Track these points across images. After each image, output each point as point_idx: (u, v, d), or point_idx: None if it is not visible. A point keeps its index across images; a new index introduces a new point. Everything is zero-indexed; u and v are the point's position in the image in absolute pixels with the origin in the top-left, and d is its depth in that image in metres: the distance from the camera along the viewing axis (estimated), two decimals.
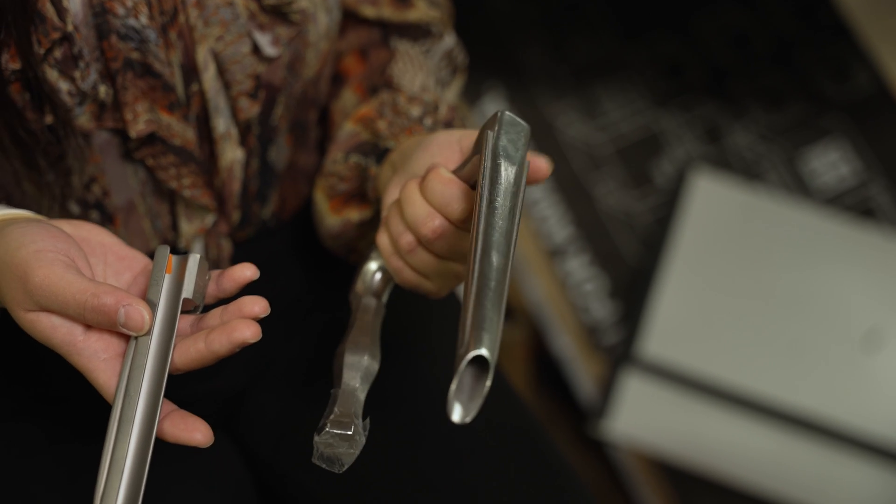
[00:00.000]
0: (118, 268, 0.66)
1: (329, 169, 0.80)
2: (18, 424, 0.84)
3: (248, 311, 0.62)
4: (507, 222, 0.58)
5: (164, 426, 0.60)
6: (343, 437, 0.61)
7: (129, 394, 0.58)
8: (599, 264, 1.59)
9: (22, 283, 0.59)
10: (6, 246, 0.60)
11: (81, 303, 0.58)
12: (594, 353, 1.56)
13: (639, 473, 1.53)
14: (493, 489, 0.80)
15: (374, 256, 0.73)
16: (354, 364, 0.65)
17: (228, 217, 0.80)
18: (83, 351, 0.60)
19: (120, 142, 0.74)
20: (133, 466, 0.57)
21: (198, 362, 0.61)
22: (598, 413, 1.52)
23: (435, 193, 0.64)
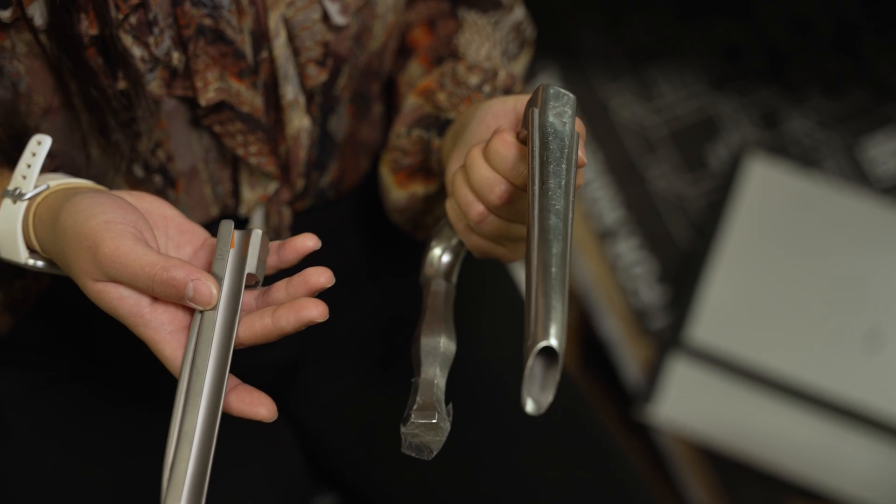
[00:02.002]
0: (179, 241, 0.66)
1: (393, 143, 0.80)
2: (74, 386, 0.85)
3: (313, 281, 0.62)
4: (561, 203, 0.57)
5: (229, 400, 0.60)
6: (428, 426, 0.62)
7: (196, 367, 0.59)
8: (649, 248, 1.58)
9: (91, 253, 0.59)
10: (75, 216, 0.61)
11: (151, 275, 0.58)
12: (641, 337, 1.55)
13: (682, 459, 1.53)
14: (544, 469, 0.80)
15: (438, 240, 0.73)
16: (431, 350, 0.65)
17: (292, 185, 0.80)
18: (150, 323, 0.60)
19: (187, 108, 0.74)
20: (201, 438, 0.58)
21: (263, 337, 0.61)
22: (643, 397, 1.51)
23: (498, 157, 0.63)
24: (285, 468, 0.86)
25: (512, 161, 0.62)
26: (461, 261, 0.73)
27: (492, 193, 0.63)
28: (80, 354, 0.86)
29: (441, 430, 0.62)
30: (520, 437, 0.81)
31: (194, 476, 0.57)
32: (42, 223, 0.64)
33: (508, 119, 0.66)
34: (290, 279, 0.63)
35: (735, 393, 1.49)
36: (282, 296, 0.63)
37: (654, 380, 1.51)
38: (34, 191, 0.66)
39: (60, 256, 0.62)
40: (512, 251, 0.67)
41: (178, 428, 0.58)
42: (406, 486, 0.83)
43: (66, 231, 0.61)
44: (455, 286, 0.72)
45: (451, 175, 0.69)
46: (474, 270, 0.86)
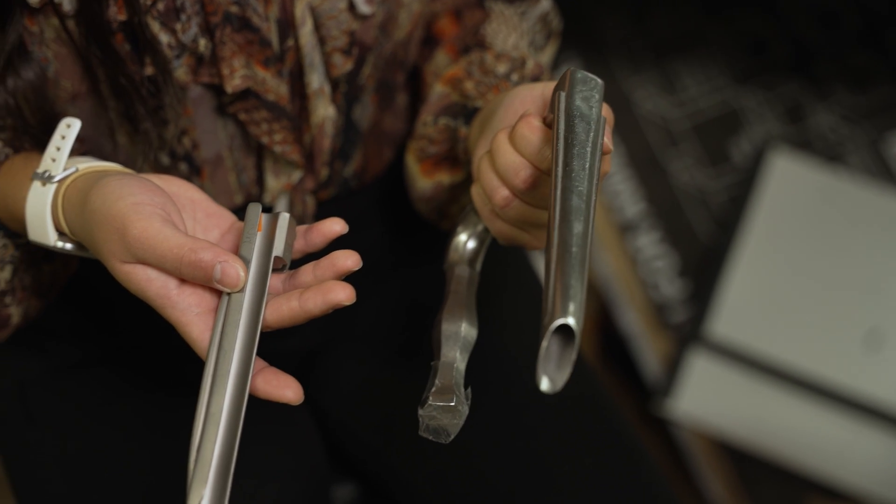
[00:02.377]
0: (206, 224, 0.66)
1: (419, 132, 0.80)
2: (101, 369, 0.85)
3: (340, 265, 0.62)
4: (586, 185, 0.56)
5: (256, 382, 0.60)
6: (446, 409, 0.62)
7: (223, 349, 0.59)
8: (671, 241, 1.57)
9: (120, 234, 0.59)
10: (104, 198, 0.61)
11: (178, 257, 0.58)
12: (661, 331, 1.54)
13: (701, 453, 1.52)
14: (563, 460, 0.80)
15: (464, 226, 0.73)
16: (452, 334, 0.65)
17: (316, 174, 0.80)
18: (177, 304, 0.60)
19: (213, 96, 0.74)
20: (228, 419, 0.58)
21: (290, 320, 0.61)
22: (662, 391, 1.51)
23: (524, 142, 0.62)
24: (306, 455, 0.86)
25: (538, 145, 0.62)
26: (486, 248, 0.73)
27: (517, 178, 0.63)
28: (107, 339, 0.86)
29: (459, 413, 0.62)
30: (539, 426, 0.81)
31: (221, 457, 0.57)
32: (71, 205, 0.64)
33: (536, 105, 0.66)
34: (318, 262, 0.62)
35: (755, 388, 1.48)
36: (309, 279, 0.62)
37: (674, 374, 1.50)
38: (63, 173, 0.66)
39: (89, 238, 0.62)
40: (536, 238, 0.67)
41: (205, 409, 0.58)
42: (424, 474, 0.83)
43: (94, 213, 0.61)
44: (479, 273, 0.72)
45: (476, 161, 0.68)
46: (498, 259, 0.86)
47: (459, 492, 0.80)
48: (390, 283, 0.91)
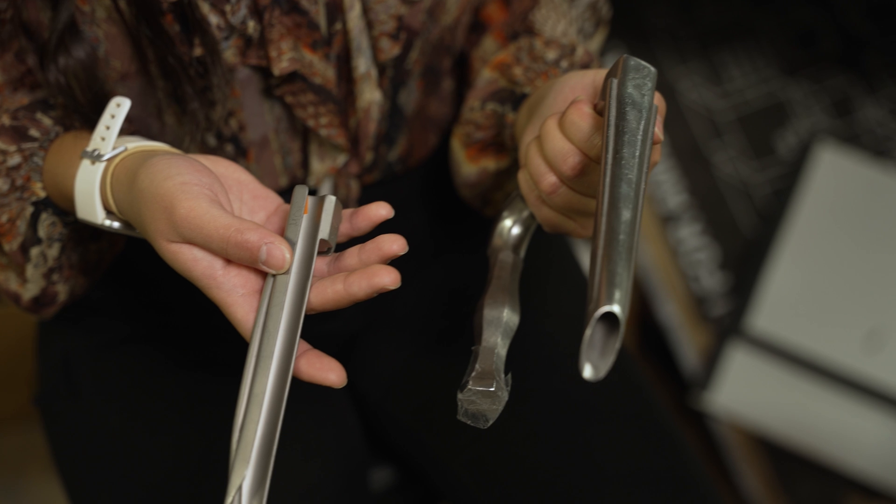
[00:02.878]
0: (253, 206, 0.66)
1: (466, 117, 0.80)
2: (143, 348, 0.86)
3: (386, 248, 0.61)
4: (634, 173, 0.56)
5: (299, 364, 0.60)
6: (485, 394, 0.61)
7: (267, 330, 0.59)
8: (712, 234, 1.56)
9: (167, 214, 0.59)
10: (152, 177, 0.61)
11: (225, 238, 0.59)
12: (700, 324, 1.53)
13: (738, 448, 1.51)
14: (602, 449, 0.79)
15: (509, 212, 0.72)
16: (494, 320, 0.65)
17: (361, 158, 0.80)
18: (222, 285, 0.60)
19: (260, 78, 0.75)
20: (271, 401, 0.58)
21: (334, 303, 0.61)
22: (700, 384, 1.50)
23: (573, 128, 0.62)
24: (344, 438, 0.87)
25: (587, 132, 0.61)
26: (531, 234, 0.72)
27: (565, 164, 0.62)
28: (150, 316, 0.87)
29: (498, 399, 0.62)
30: (579, 413, 0.81)
31: (263, 438, 0.57)
32: (119, 184, 0.65)
33: (587, 92, 0.66)
34: (363, 245, 0.62)
35: (794, 384, 1.47)
36: (354, 262, 0.62)
37: (712, 367, 1.49)
38: (112, 152, 0.66)
39: (136, 217, 0.63)
40: (582, 226, 0.67)
41: (249, 390, 0.58)
42: (463, 459, 0.83)
43: (142, 192, 0.61)
44: (522, 260, 0.71)
45: (524, 147, 0.68)
46: (541, 247, 0.86)
47: (498, 477, 0.80)
48: (432, 269, 0.91)
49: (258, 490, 0.56)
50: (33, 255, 0.72)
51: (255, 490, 0.56)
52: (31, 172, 0.70)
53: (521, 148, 0.70)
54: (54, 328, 0.89)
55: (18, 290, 0.75)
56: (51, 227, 0.72)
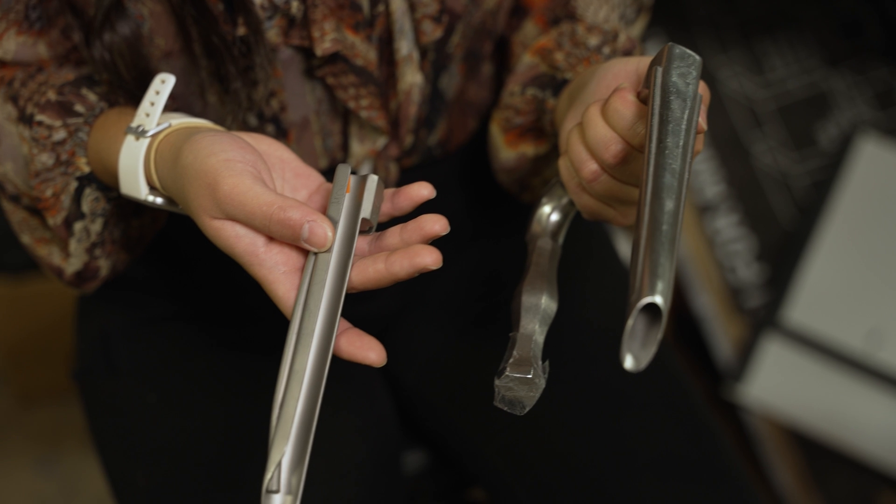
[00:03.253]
0: (295, 184, 0.67)
1: (505, 101, 0.79)
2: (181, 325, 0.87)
3: (428, 228, 0.61)
4: (679, 163, 0.56)
5: (340, 343, 0.60)
6: (523, 381, 0.61)
7: (308, 308, 0.59)
8: (749, 224, 1.55)
9: (210, 190, 0.60)
10: (196, 153, 0.61)
11: (268, 215, 0.59)
12: (735, 315, 1.52)
13: (770, 441, 1.50)
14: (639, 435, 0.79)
15: (548, 198, 0.72)
16: (532, 306, 0.65)
17: (401, 141, 0.80)
18: (264, 262, 0.60)
19: (302, 59, 0.75)
20: (312, 378, 0.58)
21: (375, 282, 0.61)
22: (734, 376, 1.49)
23: (616, 116, 0.62)
24: (378, 419, 0.87)
25: (630, 120, 0.61)
26: (569, 221, 0.72)
27: (607, 152, 0.62)
28: (189, 296, 0.87)
29: (535, 386, 0.62)
30: (615, 403, 0.81)
31: (303, 415, 0.57)
32: (163, 160, 0.65)
33: (630, 80, 0.65)
34: (405, 225, 0.62)
35: (829, 377, 1.45)
36: (395, 241, 0.62)
37: (746, 359, 1.48)
38: (157, 128, 0.67)
39: (180, 193, 0.63)
40: (622, 214, 0.66)
41: (289, 367, 0.58)
42: (496, 445, 0.83)
43: (186, 168, 0.61)
44: (561, 247, 0.71)
45: (565, 134, 0.68)
46: (579, 234, 0.85)
47: (531, 463, 0.80)
48: (468, 254, 0.91)
49: (297, 466, 0.56)
50: (76, 230, 0.73)
51: (295, 466, 0.56)
52: (75, 147, 0.71)
53: (561, 134, 0.69)
54: (94, 304, 0.90)
55: (61, 264, 0.75)
56: (94, 203, 0.73)
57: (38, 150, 0.70)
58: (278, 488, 0.56)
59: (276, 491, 0.56)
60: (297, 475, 0.56)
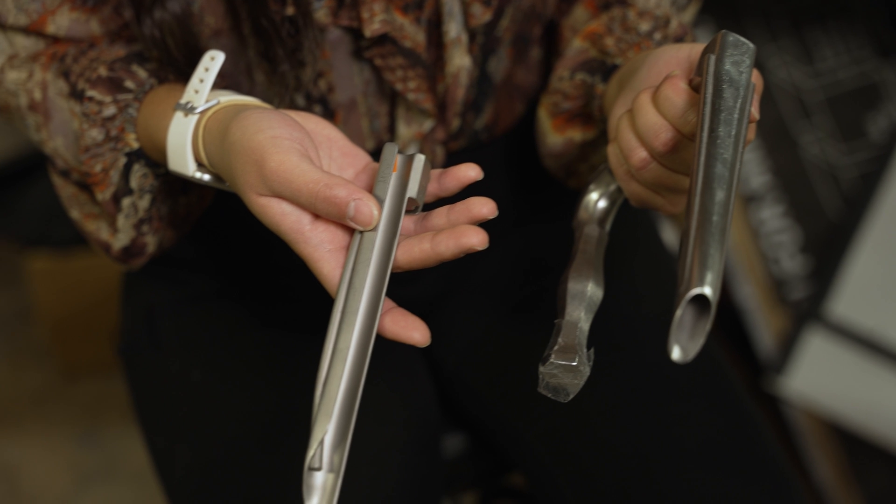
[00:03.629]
0: (342, 163, 0.67)
1: (554, 86, 0.79)
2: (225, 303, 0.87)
3: (476, 211, 0.61)
4: (730, 152, 0.55)
5: (384, 322, 0.60)
6: (567, 369, 0.61)
7: (353, 287, 0.59)
8: (795, 216, 1.53)
9: (258, 167, 0.60)
10: (243, 130, 0.62)
11: (314, 192, 0.59)
12: (778, 307, 1.51)
13: (810, 434, 1.49)
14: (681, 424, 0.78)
15: (596, 185, 0.72)
16: (578, 293, 0.65)
17: (447, 124, 0.80)
18: (310, 240, 0.61)
19: (351, 39, 0.75)
20: (355, 356, 0.58)
21: (420, 262, 0.61)
22: (775, 368, 1.47)
23: (667, 104, 0.61)
24: (419, 402, 0.87)
25: (681, 108, 0.60)
26: (617, 208, 0.72)
27: (657, 139, 0.61)
28: (232, 274, 0.88)
29: (580, 373, 0.61)
30: (658, 393, 0.80)
31: (346, 393, 0.57)
32: (211, 136, 0.65)
33: (682, 67, 0.64)
34: (453, 206, 0.62)
35: (872, 371, 1.44)
36: (442, 222, 0.62)
37: (788, 351, 1.47)
38: (205, 105, 0.67)
39: (227, 170, 0.63)
40: (671, 202, 0.66)
41: (333, 346, 0.58)
42: (537, 431, 0.83)
43: (234, 144, 0.62)
44: (608, 234, 0.71)
45: (615, 120, 0.67)
46: (625, 221, 0.85)
47: (572, 450, 0.80)
48: (513, 239, 0.91)
49: (340, 444, 0.56)
50: (125, 206, 0.73)
51: (337, 444, 0.56)
52: (125, 123, 0.71)
53: (610, 120, 0.69)
54: (139, 280, 0.91)
55: (109, 239, 0.76)
56: (142, 179, 0.73)
57: (89, 126, 0.71)
58: (321, 466, 0.56)
59: (319, 468, 0.56)
60: (339, 453, 0.56)
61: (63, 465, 1.64)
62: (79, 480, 1.62)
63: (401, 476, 0.81)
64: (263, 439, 0.79)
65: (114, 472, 1.62)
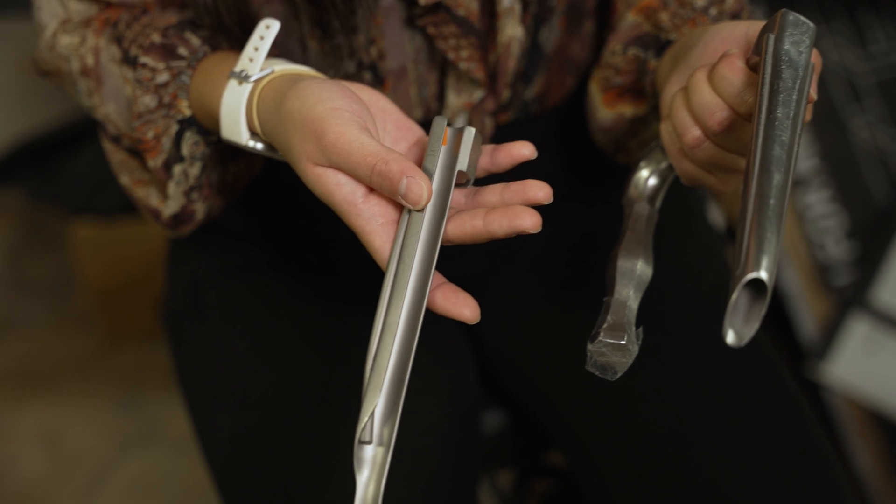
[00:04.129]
0: (396, 136, 0.67)
1: (606, 60, 0.78)
2: (271, 274, 0.87)
3: (532, 194, 0.61)
4: (788, 134, 0.54)
5: (435, 297, 0.60)
6: (616, 347, 0.61)
7: (403, 261, 0.59)
8: (842, 201, 1.51)
9: (316, 138, 0.60)
10: (303, 100, 0.61)
11: (370, 166, 0.59)
12: (822, 293, 1.49)
13: (851, 422, 1.47)
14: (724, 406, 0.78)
15: (647, 162, 0.71)
16: (628, 272, 0.64)
17: (498, 95, 0.80)
18: (362, 213, 0.60)
19: (403, 7, 0.74)
20: (405, 330, 0.58)
21: (471, 237, 0.60)
22: (817, 354, 1.46)
23: (724, 82, 0.60)
24: (460, 378, 0.87)
25: (738, 87, 0.60)
26: (667, 186, 0.71)
27: (712, 118, 0.61)
28: (280, 245, 0.88)
29: (629, 352, 0.61)
30: (702, 374, 0.79)
31: (396, 366, 0.57)
32: (266, 105, 0.65)
33: (739, 45, 0.63)
34: (508, 185, 0.62)
35: None
36: (495, 199, 0.62)
37: (831, 338, 1.45)
38: (260, 73, 0.67)
39: (282, 139, 0.63)
40: (723, 182, 0.65)
41: (383, 320, 0.58)
42: (578, 409, 0.82)
43: (291, 114, 0.62)
44: (658, 212, 0.70)
45: (668, 97, 0.66)
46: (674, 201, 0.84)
47: (614, 430, 0.79)
48: (560, 216, 0.90)
49: (389, 418, 0.57)
50: (175, 173, 0.74)
51: (387, 418, 0.57)
52: (178, 90, 0.72)
53: (662, 97, 0.68)
54: (185, 249, 0.91)
55: (159, 206, 0.77)
56: (194, 146, 0.73)
57: (142, 92, 0.71)
58: (371, 439, 0.56)
59: (369, 442, 0.56)
60: (388, 427, 0.56)
61: (104, 431, 1.66)
62: (119, 446, 1.64)
63: (441, 451, 0.81)
64: (307, 412, 0.80)
65: (154, 438, 1.64)
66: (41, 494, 1.58)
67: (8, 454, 1.64)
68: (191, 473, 1.56)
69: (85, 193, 1.66)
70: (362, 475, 0.56)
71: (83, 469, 1.61)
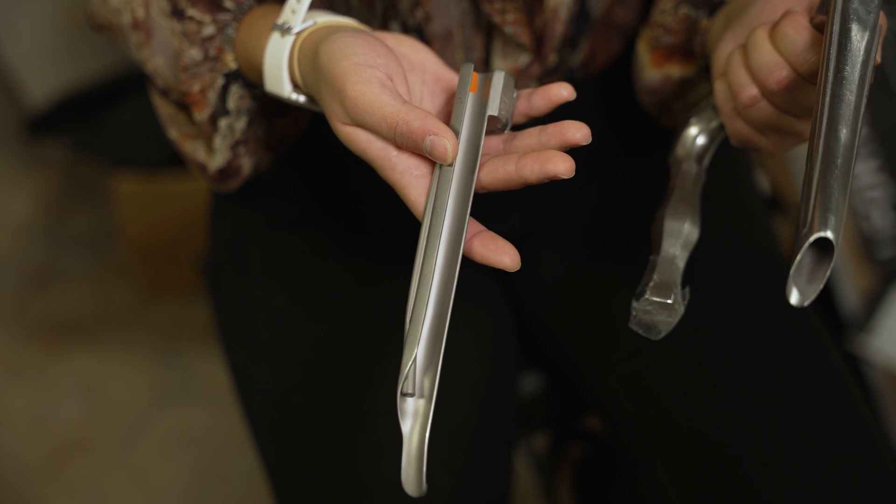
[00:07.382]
0: (434, 88, 0.66)
1: (656, 19, 0.77)
2: (313, 230, 0.87)
3: (569, 135, 0.59)
4: (855, 94, 0.54)
5: (473, 245, 0.59)
6: (662, 306, 0.60)
7: (436, 211, 0.58)
8: (889, 172, 1.49)
9: (339, 96, 0.59)
10: (330, 55, 0.61)
11: (392, 125, 0.58)
12: (866, 264, 1.47)
13: (891, 395, 1.46)
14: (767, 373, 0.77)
15: (697, 120, 0.70)
16: (674, 231, 0.63)
17: (543, 60, 0.79)
18: (397, 166, 0.60)
19: None
20: (441, 281, 0.57)
21: (504, 183, 0.59)
22: (858, 326, 1.44)
23: (786, 41, 0.59)
24: (498, 339, 0.87)
25: (801, 46, 0.58)
26: (716, 146, 0.70)
27: (771, 77, 0.59)
28: (321, 202, 0.88)
29: (674, 311, 0.61)
30: (748, 343, 0.79)
31: (434, 317, 0.57)
32: (305, 58, 0.65)
33: (801, 3, 0.62)
34: (545, 127, 0.60)
35: None
36: (532, 142, 0.61)
37: (874, 310, 1.44)
38: (301, 25, 0.66)
39: (317, 94, 0.63)
40: (775, 144, 0.64)
41: (420, 271, 0.58)
42: (617, 373, 0.82)
43: (322, 69, 0.61)
44: (705, 171, 0.69)
45: (722, 55, 0.65)
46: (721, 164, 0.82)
47: (654, 394, 0.79)
48: (603, 180, 0.89)
49: (429, 368, 0.56)
50: (221, 126, 0.74)
51: (426, 368, 0.56)
52: (223, 44, 0.71)
53: (713, 57, 0.67)
54: (228, 204, 0.91)
55: (205, 160, 0.77)
56: (239, 100, 0.73)
57: (188, 45, 0.71)
58: (412, 391, 0.56)
59: (412, 394, 0.56)
60: (429, 378, 0.56)
61: (142, 383, 1.68)
62: (157, 398, 1.66)
63: (475, 410, 0.81)
64: (342, 367, 0.80)
65: (191, 391, 1.66)
66: (80, 443, 1.61)
67: (49, 403, 1.66)
68: (227, 427, 1.58)
69: (127, 146, 1.67)
70: (406, 427, 0.56)
71: (121, 419, 1.63)
